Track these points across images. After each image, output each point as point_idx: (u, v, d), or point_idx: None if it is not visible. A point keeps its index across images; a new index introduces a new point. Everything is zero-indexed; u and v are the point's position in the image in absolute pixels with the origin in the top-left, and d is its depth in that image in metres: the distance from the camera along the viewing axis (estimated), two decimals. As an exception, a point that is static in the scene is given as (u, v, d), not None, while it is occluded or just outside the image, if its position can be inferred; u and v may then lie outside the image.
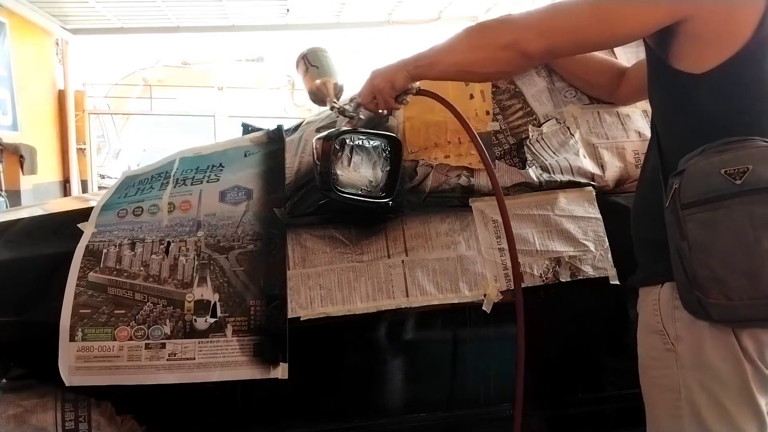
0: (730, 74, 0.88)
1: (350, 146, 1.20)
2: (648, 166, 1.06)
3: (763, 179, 0.83)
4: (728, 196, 0.84)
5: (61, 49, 7.44)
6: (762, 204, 0.83)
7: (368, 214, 1.25)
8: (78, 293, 1.14)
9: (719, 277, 0.85)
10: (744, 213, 0.83)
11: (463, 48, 1.03)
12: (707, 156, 0.87)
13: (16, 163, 6.08)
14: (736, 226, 0.83)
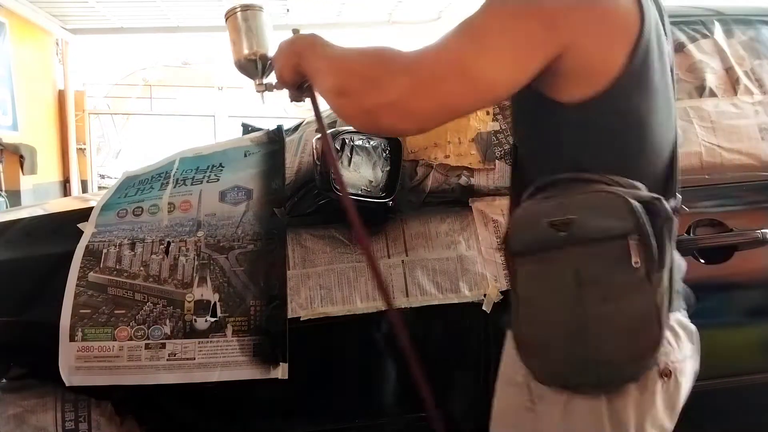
0: (599, 107, 0.80)
1: (350, 146, 1.20)
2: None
3: (588, 231, 0.76)
4: (553, 247, 0.78)
5: (61, 49, 7.44)
6: (587, 258, 0.77)
7: (368, 214, 1.25)
8: (78, 293, 1.14)
9: (542, 336, 0.80)
10: (568, 269, 0.77)
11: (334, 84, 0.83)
12: (535, 201, 0.81)
13: (16, 163, 6.08)
14: (560, 282, 0.77)
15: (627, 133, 0.82)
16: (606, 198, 0.77)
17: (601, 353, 0.77)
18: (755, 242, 1.31)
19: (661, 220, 0.77)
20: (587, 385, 0.80)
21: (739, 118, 1.39)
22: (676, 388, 0.83)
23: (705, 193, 1.37)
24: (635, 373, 0.78)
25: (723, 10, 1.56)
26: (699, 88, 1.42)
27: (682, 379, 0.83)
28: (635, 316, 0.76)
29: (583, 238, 0.76)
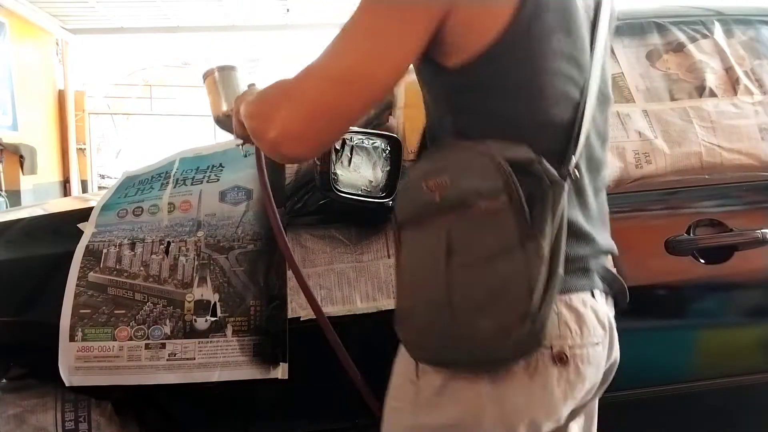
0: (482, 68, 0.75)
1: (350, 146, 1.20)
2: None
3: (459, 193, 0.72)
4: (428, 214, 0.74)
5: (61, 49, 7.44)
6: (457, 222, 0.72)
7: (368, 214, 1.25)
8: (78, 293, 1.14)
9: (409, 308, 0.77)
10: (440, 234, 0.73)
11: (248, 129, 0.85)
12: (417, 165, 0.79)
13: (16, 163, 6.09)
14: (431, 249, 0.73)
15: (515, 93, 0.77)
16: (475, 158, 0.73)
17: (466, 326, 0.72)
18: (755, 242, 1.31)
19: (541, 183, 0.72)
20: (463, 363, 0.76)
21: (739, 118, 1.39)
22: (577, 377, 0.77)
23: (705, 193, 1.37)
24: (510, 351, 0.72)
25: (723, 10, 1.56)
26: (699, 88, 1.42)
27: (585, 368, 0.78)
28: (500, 284, 0.71)
29: (455, 200, 0.73)
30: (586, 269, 0.80)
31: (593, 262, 0.81)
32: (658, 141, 1.34)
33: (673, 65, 1.44)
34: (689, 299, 1.35)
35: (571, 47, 0.78)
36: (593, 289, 0.80)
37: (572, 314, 0.77)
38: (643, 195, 1.34)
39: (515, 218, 0.70)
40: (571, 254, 0.76)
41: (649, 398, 1.30)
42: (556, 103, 0.78)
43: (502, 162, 0.71)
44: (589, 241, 0.81)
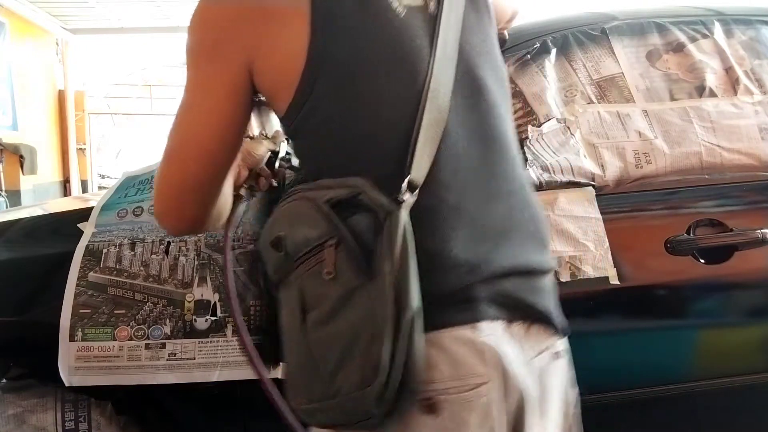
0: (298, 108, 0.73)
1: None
2: None
3: (296, 246, 0.69)
4: (284, 271, 0.71)
5: (61, 49, 7.45)
6: (307, 278, 0.68)
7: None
8: (78, 293, 1.14)
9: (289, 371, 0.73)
10: (295, 291, 0.70)
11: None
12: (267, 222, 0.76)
13: (16, 163, 6.09)
14: (291, 308, 0.70)
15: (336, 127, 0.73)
16: (300, 205, 0.70)
17: (331, 385, 0.67)
18: (755, 242, 1.31)
19: (378, 215, 0.66)
20: (340, 424, 0.70)
21: (739, 118, 1.39)
22: (456, 426, 0.68)
23: (705, 193, 1.37)
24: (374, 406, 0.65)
25: (723, 10, 1.56)
26: (699, 88, 1.42)
27: (466, 414, 0.69)
28: (351, 335, 0.66)
29: (296, 254, 0.69)
30: (464, 300, 0.70)
31: (481, 289, 0.71)
32: (658, 141, 1.34)
33: (673, 65, 1.44)
34: (689, 299, 1.35)
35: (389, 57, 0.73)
36: (478, 321, 0.70)
37: (442, 354, 0.68)
38: (643, 195, 1.34)
39: (348, 261, 0.66)
40: (437, 286, 0.69)
41: (649, 398, 1.30)
42: (381, 125, 0.72)
43: (322, 204, 0.68)
44: (470, 265, 0.71)
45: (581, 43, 1.43)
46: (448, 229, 0.71)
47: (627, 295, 1.27)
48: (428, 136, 0.71)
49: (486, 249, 0.72)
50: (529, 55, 1.38)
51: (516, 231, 0.76)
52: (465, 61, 0.77)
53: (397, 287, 0.64)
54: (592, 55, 1.42)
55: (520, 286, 0.75)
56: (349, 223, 0.67)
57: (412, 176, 0.69)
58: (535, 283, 0.77)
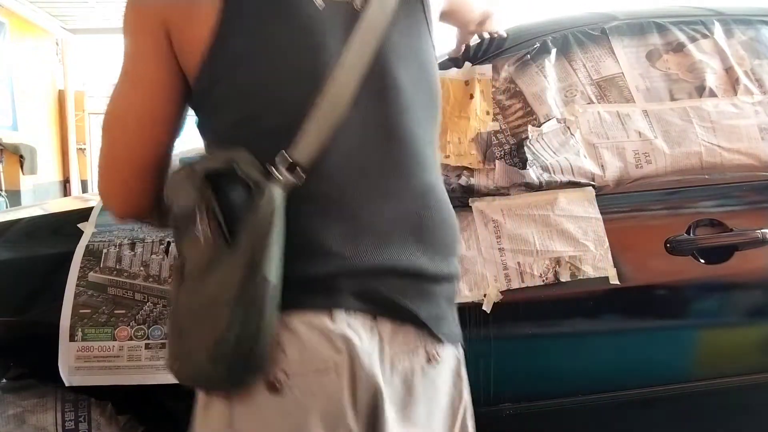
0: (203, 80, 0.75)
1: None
2: None
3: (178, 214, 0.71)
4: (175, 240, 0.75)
5: (61, 49, 7.44)
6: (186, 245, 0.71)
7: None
8: (78, 293, 1.15)
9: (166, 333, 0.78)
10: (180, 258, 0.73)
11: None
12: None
13: (16, 163, 6.08)
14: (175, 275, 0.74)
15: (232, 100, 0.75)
16: (180, 175, 0.72)
17: (188, 348, 0.70)
18: (755, 242, 1.31)
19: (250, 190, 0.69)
20: (203, 386, 0.73)
21: (739, 118, 1.39)
22: (297, 409, 0.70)
23: (705, 193, 1.37)
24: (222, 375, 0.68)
25: (723, 10, 1.56)
26: (699, 88, 1.42)
27: (307, 399, 0.70)
28: (207, 304, 0.68)
29: (179, 222, 0.72)
30: (326, 288, 0.71)
31: (346, 282, 0.72)
32: (658, 141, 1.34)
33: (673, 65, 1.44)
34: (689, 299, 1.35)
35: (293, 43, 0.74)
36: (334, 308, 0.71)
37: (292, 337, 0.70)
38: (643, 195, 1.34)
39: (214, 230, 0.68)
40: (301, 270, 0.70)
41: (649, 398, 1.30)
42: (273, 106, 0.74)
43: (198, 174, 0.70)
44: (340, 258, 0.71)
45: (581, 43, 1.43)
46: (326, 219, 0.72)
47: (627, 295, 1.27)
48: (320, 123, 0.72)
49: (363, 245, 0.73)
50: (529, 55, 1.38)
51: (406, 233, 0.76)
52: (381, 59, 0.76)
53: (253, 260, 0.66)
54: (592, 55, 1.42)
55: (395, 287, 0.74)
56: (227, 194, 0.69)
57: (293, 156, 0.70)
58: (419, 287, 0.76)
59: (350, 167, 0.74)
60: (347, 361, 0.70)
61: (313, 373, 0.70)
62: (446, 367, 0.80)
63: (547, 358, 1.28)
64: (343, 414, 0.71)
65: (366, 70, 0.74)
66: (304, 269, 0.70)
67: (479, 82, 1.32)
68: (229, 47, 0.73)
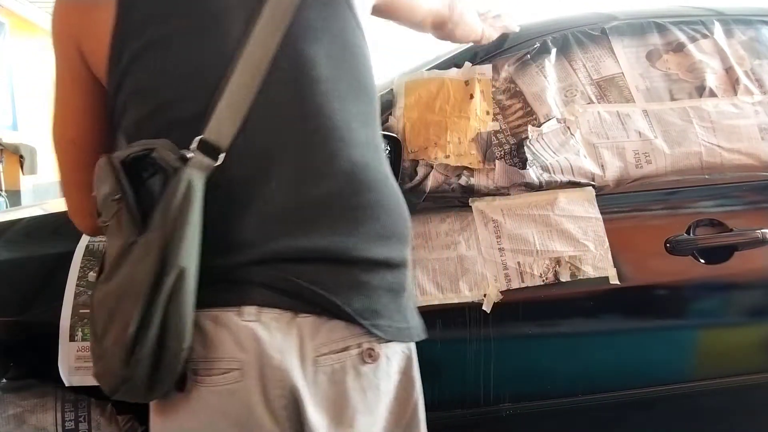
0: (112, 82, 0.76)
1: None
2: None
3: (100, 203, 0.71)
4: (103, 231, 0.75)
5: (61, 49, 7.43)
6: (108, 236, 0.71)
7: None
8: (78, 293, 1.14)
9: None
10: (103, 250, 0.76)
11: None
12: None
13: (16, 163, 6.07)
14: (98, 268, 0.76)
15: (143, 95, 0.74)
16: (101, 164, 0.71)
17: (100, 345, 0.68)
18: (755, 242, 1.31)
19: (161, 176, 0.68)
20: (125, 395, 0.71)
21: (739, 118, 1.39)
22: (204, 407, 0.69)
23: (705, 193, 1.37)
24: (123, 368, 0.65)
25: (723, 10, 1.56)
26: (699, 88, 1.42)
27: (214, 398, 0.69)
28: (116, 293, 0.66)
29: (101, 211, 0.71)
30: (236, 280, 0.69)
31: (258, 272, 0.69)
32: (658, 141, 1.34)
33: (673, 65, 1.44)
34: (689, 299, 1.35)
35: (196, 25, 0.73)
36: (244, 305, 0.69)
37: (198, 334, 0.68)
38: (643, 195, 1.34)
39: (128, 217, 0.67)
40: (212, 261, 0.67)
41: (649, 398, 1.30)
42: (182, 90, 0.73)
43: (115, 162, 0.69)
44: (253, 246, 0.69)
45: (581, 43, 1.43)
46: (240, 207, 0.70)
47: (627, 295, 1.27)
48: (231, 106, 0.70)
49: (279, 232, 0.70)
50: (529, 55, 1.38)
51: (331, 218, 0.72)
52: (293, 37, 0.74)
53: (166, 247, 0.63)
54: (592, 55, 1.42)
55: (317, 277, 0.70)
56: (147, 181, 0.69)
57: (206, 137, 0.69)
58: (347, 277, 0.72)
59: (265, 150, 0.72)
60: (254, 360, 0.68)
61: (218, 373, 0.68)
62: (391, 366, 0.76)
63: (548, 358, 1.28)
64: (254, 415, 0.69)
65: (276, 50, 0.72)
66: (215, 261, 0.68)
67: (479, 82, 1.32)
68: (125, 51, 0.73)
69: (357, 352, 0.72)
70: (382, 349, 0.74)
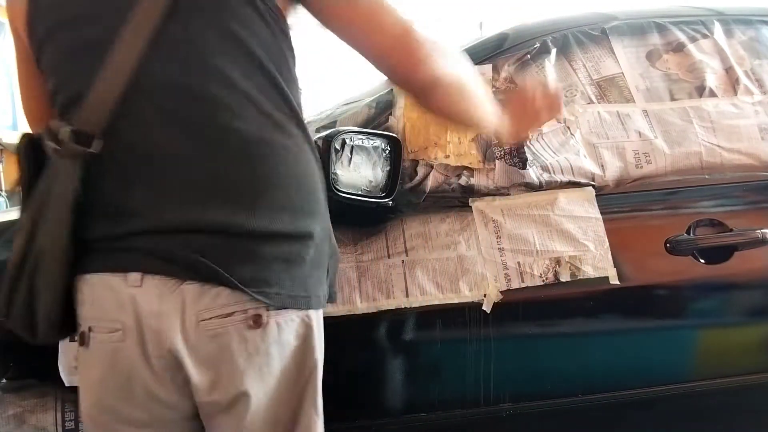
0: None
1: (350, 146, 1.20)
2: None
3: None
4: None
5: (61, 49, 7.43)
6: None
7: (368, 214, 1.25)
8: (78, 293, 1.14)
9: None
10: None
11: None
12: None
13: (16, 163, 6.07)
14: None
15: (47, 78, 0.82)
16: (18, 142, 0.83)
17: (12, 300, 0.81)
18: (755, 242, 1.31)
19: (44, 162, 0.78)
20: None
21: (739, 118, 1.39)
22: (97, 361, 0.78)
23: (705, 193, 1.37)
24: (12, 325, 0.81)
25: (723, 10, 1.56)
26: (699, 88, 1.42)
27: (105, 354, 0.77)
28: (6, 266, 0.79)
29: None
30: (123, 249, 0.75)
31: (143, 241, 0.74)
32: (658, 141, 1.34)
33: (673, 65, 1.44)
34: (689, 299, 1.35)
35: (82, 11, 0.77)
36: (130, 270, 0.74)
37: (88, 295, 0.78)
38: (643, 195, 1.34)
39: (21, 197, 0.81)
40: (97, 231, 0.76)
41: (649, 398, 1.30)
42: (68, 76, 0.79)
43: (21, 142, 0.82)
44: (137, 217, 0.74)
45: (581, 43, 1.43)
46: (128, 182, 0.75)
47: (627, 295, 1.27)
48: (105, 90, 0.74)
49: (167, 205, 0.74)
50: (529, 55, 1.38)
51: (220, 190, 0.75)
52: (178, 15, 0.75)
53: (30, 227, 0.75)
54: (592, 55, 1.42)
55: (203, 247, 0.73)
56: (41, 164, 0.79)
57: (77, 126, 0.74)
58: (236, 246, 0.74)
59: (152, 129, 0.75)
60: (133, 323, 0.75)
61: (105, 331, 0.76)
62: (284, 333, 0.78)
63: (548, 358, 1.28)
64: (136, 372, 0.76)
65: (157, 29, 0.74)
66: (107, 230, 0.75)
67: (479, 82, 1.32)
68: (36, 34, 0.80)
69: (242, 318, 0.75)
70: (272, 316, 0.76)
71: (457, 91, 0.86)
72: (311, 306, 0.81)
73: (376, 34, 0.81)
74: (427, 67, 0.81)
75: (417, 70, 0.81)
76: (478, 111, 0.91)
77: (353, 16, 0.81)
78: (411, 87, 0.86)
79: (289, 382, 0.80)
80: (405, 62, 0.81)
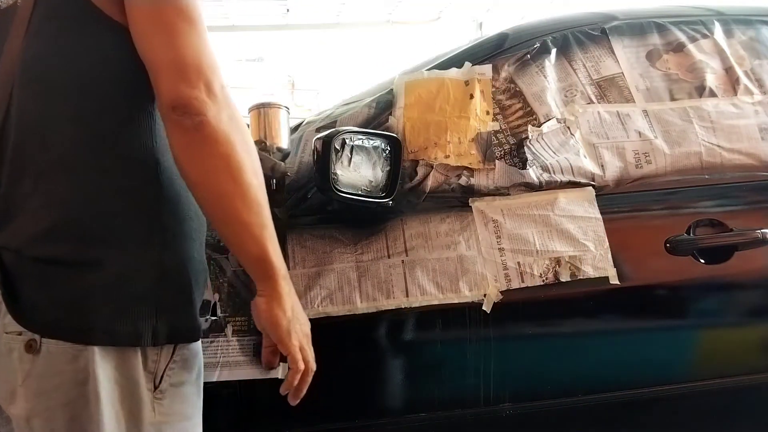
0: None
1: (350, 146, 1.20)
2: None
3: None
4: None
5: (61, 48, 7.43)
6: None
7: (368, 214, 1.25)
8: (78, 293, 1.14)
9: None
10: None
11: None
12: None
13: None
14: None
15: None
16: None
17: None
18: (755, 242, 1.31)
19: None
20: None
21: (739, 118, 1.39)
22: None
23: (705, 193, 1.37)
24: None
25: (723, 10, 1.56)
26: (699, 88, 1.42)
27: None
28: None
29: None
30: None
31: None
32: (658, 141, 1.34)
33: (673, 65, 1.44)
34: (689, 299, 1.35)
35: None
36: None
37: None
38: (643, 195, 1.34)
39: None
40: None
41: (649, 398, 1.30)
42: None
43: None
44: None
45: (581, 43, 1.43)
46: None
47: (627, 295, 1.27)
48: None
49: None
50: (529, 55, 1.38)
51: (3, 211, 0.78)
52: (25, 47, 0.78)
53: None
54: (592, 55, 1.42)
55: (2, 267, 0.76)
56: None
57: None
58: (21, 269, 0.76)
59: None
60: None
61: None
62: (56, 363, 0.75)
63: (548, 358, 1.28)
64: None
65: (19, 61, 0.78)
66: None
67: (479, 82, 1.32)
68: None
69: (23, 339, 0.75)
70: (44, 344, 0.75)
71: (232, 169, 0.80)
72: (87, 341, 0.75)
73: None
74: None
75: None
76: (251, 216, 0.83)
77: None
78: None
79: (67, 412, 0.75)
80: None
